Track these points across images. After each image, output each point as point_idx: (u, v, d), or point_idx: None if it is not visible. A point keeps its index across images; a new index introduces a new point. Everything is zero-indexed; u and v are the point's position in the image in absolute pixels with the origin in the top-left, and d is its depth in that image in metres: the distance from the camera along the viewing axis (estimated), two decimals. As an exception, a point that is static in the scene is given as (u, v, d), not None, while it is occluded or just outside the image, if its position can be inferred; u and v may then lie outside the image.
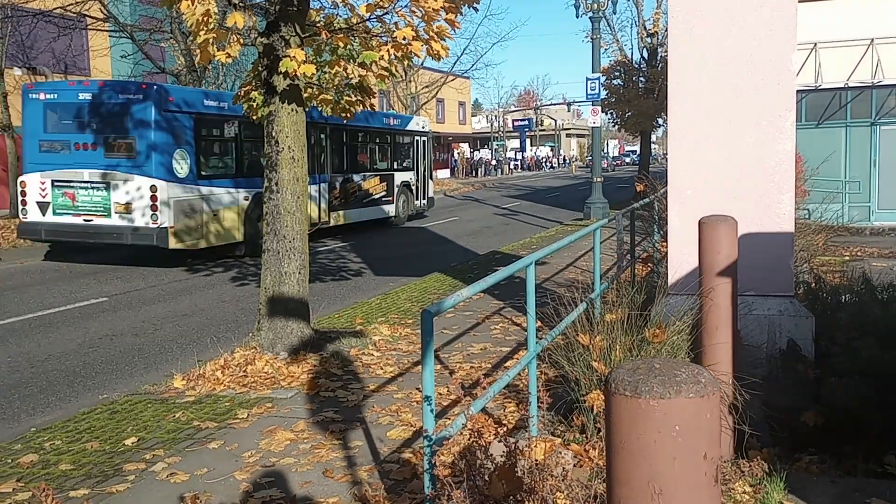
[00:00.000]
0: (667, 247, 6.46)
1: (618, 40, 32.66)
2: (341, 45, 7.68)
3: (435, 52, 7.21)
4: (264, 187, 7.89)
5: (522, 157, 75.18)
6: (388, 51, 7.13)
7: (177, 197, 14.16)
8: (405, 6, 7.16)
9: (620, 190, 36.75)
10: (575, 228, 19.35)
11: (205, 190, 14.90)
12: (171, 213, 14.01)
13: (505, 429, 5.57)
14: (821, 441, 4.96)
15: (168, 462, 5.25)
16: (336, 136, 19.73)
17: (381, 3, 6.92)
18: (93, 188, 14.27)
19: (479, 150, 68.42)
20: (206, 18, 6.28)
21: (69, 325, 9.93)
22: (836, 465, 4.80)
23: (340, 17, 8.40)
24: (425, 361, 3.62)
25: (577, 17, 24.15)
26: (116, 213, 14.09)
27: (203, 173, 15.02)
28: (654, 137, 49.26)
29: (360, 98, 8.50)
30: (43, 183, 14.54)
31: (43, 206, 14.61)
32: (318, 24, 8.04)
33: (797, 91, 6.23)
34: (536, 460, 3.51)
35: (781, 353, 5.55)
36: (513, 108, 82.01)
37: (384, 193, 22.08)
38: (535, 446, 3.66)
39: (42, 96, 14.89)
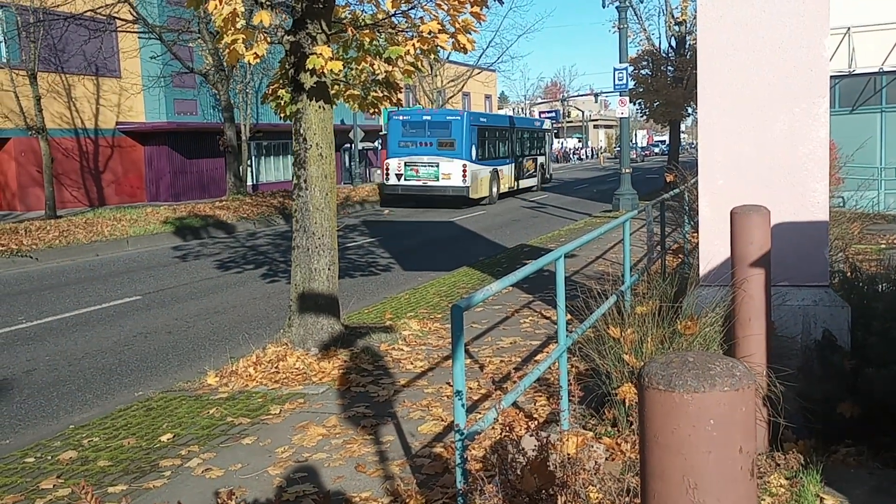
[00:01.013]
0: (697, 237, 6.39)
1: (645, 29, 32.32)
2: (367, 41, 7.69)
3: (461, 46, 7.19)
4: (293, 185, 7.93)
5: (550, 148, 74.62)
6: (413, 45, 7.13)
7: (472, 170, 26.46)
8: (430, 0, 7.15)
9: (650, 181, 36.49)
10: (604, 220, 19.25)
11: (481, 167, 27.36)
12: (470, 179, 26.21)
13: (536, 423, 5.55)
14: (858, 432, 4.89)
15: (203, 458, 5.31)
16: (516, 134, 32.52)
17: (406, -2, 6.92)
18: (429, 166, 26.54)
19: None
20: (233, 18, 6.32)
21: (104, 323, 10.06)
22: (874, 457, 4.72)
23: (366, 12, 8.42)
24: (456, 356, 3.62)
25: (604, 6, 24.02)
26: (442, 179, 26.36)
27: (480, 158, 27.44)
28: (683, 127, 48.88)
29: (386, 94, 8.50)
30: (399, 164, 26.86)
31: (398, 177, 26.93)
32: (345, 21, 8.05)
33: (830, 77, 6.12)
34: (568, 454, 3.50)
35: (816, 344, 5.47)
36: (539, 100, 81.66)
37: (533, 170, 34.50)
38: (567, 440, 3.64)
39: (401, 118, 27.62)
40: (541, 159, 35.72)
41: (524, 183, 32.59)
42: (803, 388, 4.96)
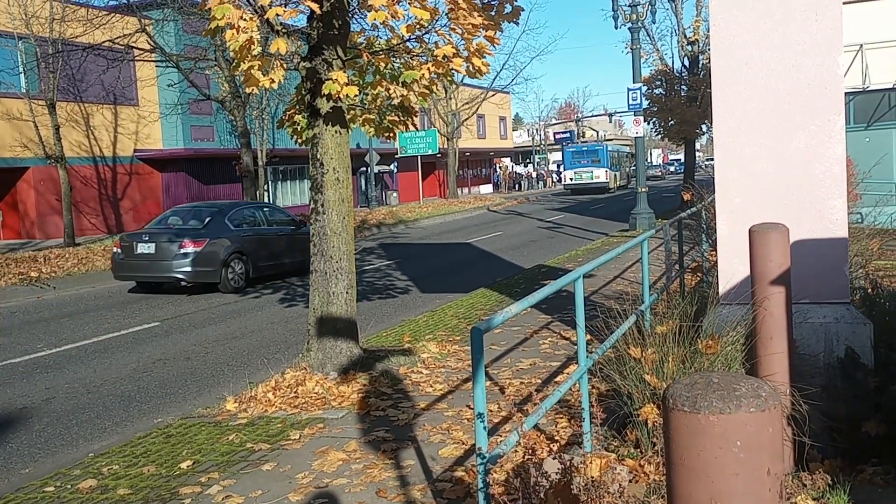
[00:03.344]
0: (716, 256, 6.35)
1: (658, 50, 32.39)
2: (382, 65, 7.74)
3: (476, 69, 7.22)
4: (310, 209, 7.96)
5: (566, 169, 74.97)
6: (428, 69, 7.17)
7: (610, 174, 52.56)
8: (445, 25, 7.19)
9: (666, 199, 36.38)
10: (621, 240, 19.19)
11: (612, 172, 53.18)
12: (610, 178, 52.34)
13: (557, 445, 5.51)
14: (884, 451, 4.82)
15: (223, 485, 5.30)
16: (621, 155, 58.49)
17: (420, 24, 6.96)
18: (587, 173, 51.70)
19: (519, 163, 69.00)
20: (249, 46, 6.38)
21: (123, 350, 10.11)
22: (902, 476, 4.65)
23: (381, 38, 8.48)
24: (476, 379, 3.60)
25: (616, 28, 24.07)
26: (594, 179, 51.44)
27: (611, 165, 53.21)
28: (698, 145, 49.41)
29: (402, 118, 8.54)
30: (572, 173, 52.52)
31: (571, 180, 52.74)
32: (360, 47, 8.12)
33: (845, 93, 6.09)
34: (592, 477, 3.47)
35: (839, 362, 5.41)
36: (554, 121, 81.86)
37: (626, 177, 56.39)
38: (590, 462, 3.61)
39: (571, 149, 55.12)
40: (628, 171, 59.34)
41: (622, 183, 55.91)
42: (828, 407, 4.91)
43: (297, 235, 16.06)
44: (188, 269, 14.27)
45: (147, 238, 14.65)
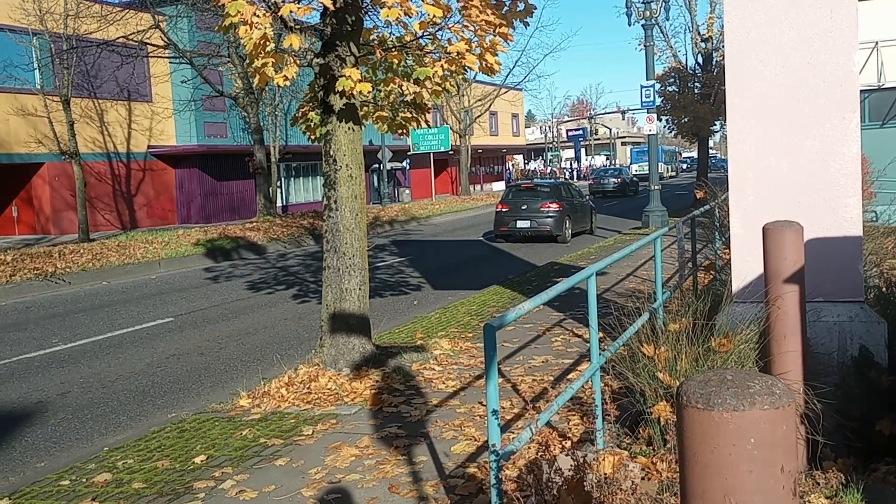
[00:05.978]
0: (729, 254, 6.34)
1: (671, 47, 32.22)
2: (395, 62, 7.75)
3: (488, 66, 7.22)
4: (323, 205, 7.98)
5: (579, 166, 74.88)
6: (441, 66, 7.17)
7: (664, 166, 66.60)
8: (458, 21, 7.19)
9: (679, 197, 36.26)
10: (634, 237, 19.15)
11: (666, 164, 69.55)
12: (664, 170, 65.26)
13: (570, 442, 5.51)
14: (898, 450, 4.80)
15: (237, 479, 5.33)
16: (670, 153, 76.62)
17: (433, 21, 6.97)
18: (644, 165, 49.13)
19: (532, 160, 69.23)
20: (262, 42, 6.40)
21: (137, 345, 10.17)
22: (916, 475, 4.63)
23: (394, 35, 8.49)
24: (489, 375, 3.61)
25: (630, 25, 23.99)
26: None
27: (665, 160, 69.24)
28: (711, 143, 49.32)
29: (415, 115, 8.55)
30: (636, 166, 67.32)
31: (637, 172, 59.92)
32: (373, 43, 8.13)
33: (860, 91, 6.06)
34: (605, 474, 3.47)
35: (853, 361, 5.39)
36: (566, 118, 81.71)
37: (674, 170, 75.54)
38: (603, 460, 3.62)
39: (635, 149, 75.74)
40: (676, 165, 75.83)
41: (672, 174, 70.54)
42: (841, 406, 4.89)
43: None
44: (616, 187, 44.82)
45: (608, 178, 46.15)
